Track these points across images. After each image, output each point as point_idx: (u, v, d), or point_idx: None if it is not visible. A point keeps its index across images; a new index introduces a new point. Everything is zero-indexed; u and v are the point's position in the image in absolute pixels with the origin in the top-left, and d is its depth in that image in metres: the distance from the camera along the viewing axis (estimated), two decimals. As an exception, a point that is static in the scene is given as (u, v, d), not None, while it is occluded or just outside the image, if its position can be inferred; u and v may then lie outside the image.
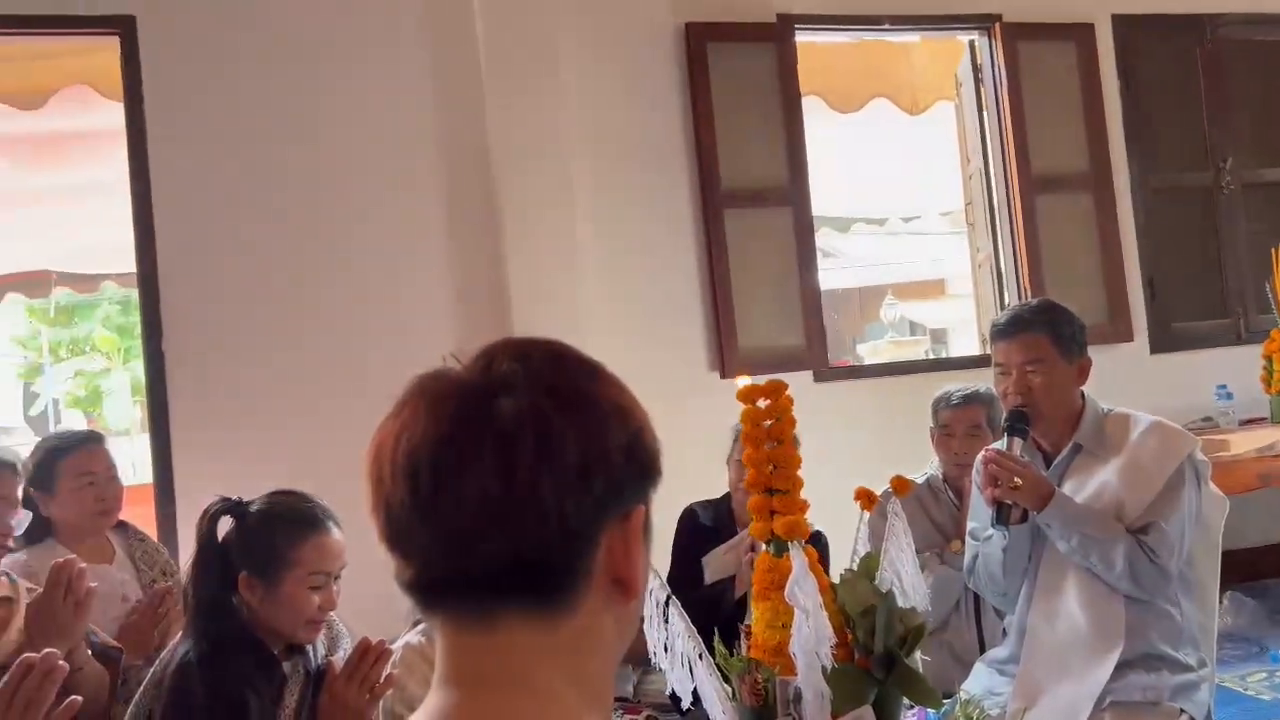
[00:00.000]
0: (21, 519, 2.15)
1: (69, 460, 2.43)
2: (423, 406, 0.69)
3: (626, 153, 3.59)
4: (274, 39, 3.32)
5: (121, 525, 2.61)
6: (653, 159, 3.62)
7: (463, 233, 3.41)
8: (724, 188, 3.63)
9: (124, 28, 3.21)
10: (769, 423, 1.59)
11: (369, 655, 1.78)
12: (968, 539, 2.37)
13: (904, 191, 6.13)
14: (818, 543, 2.51)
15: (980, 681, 2.22)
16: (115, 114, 3.30)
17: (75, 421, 12.46)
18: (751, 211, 3.66)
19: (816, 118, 4.09)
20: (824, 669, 1.45)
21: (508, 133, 3.37)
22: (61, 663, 1.29)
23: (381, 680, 1.79)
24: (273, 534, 1.77)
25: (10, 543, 2.12)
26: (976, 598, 2.61)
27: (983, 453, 2.16)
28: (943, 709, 1.89)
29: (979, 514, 2.27)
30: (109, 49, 3.26)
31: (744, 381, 1.63)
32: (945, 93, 4.48)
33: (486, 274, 3.36)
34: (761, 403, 1.60)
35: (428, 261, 3.38)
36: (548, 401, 0.69)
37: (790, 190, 3.71)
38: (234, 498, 1.82)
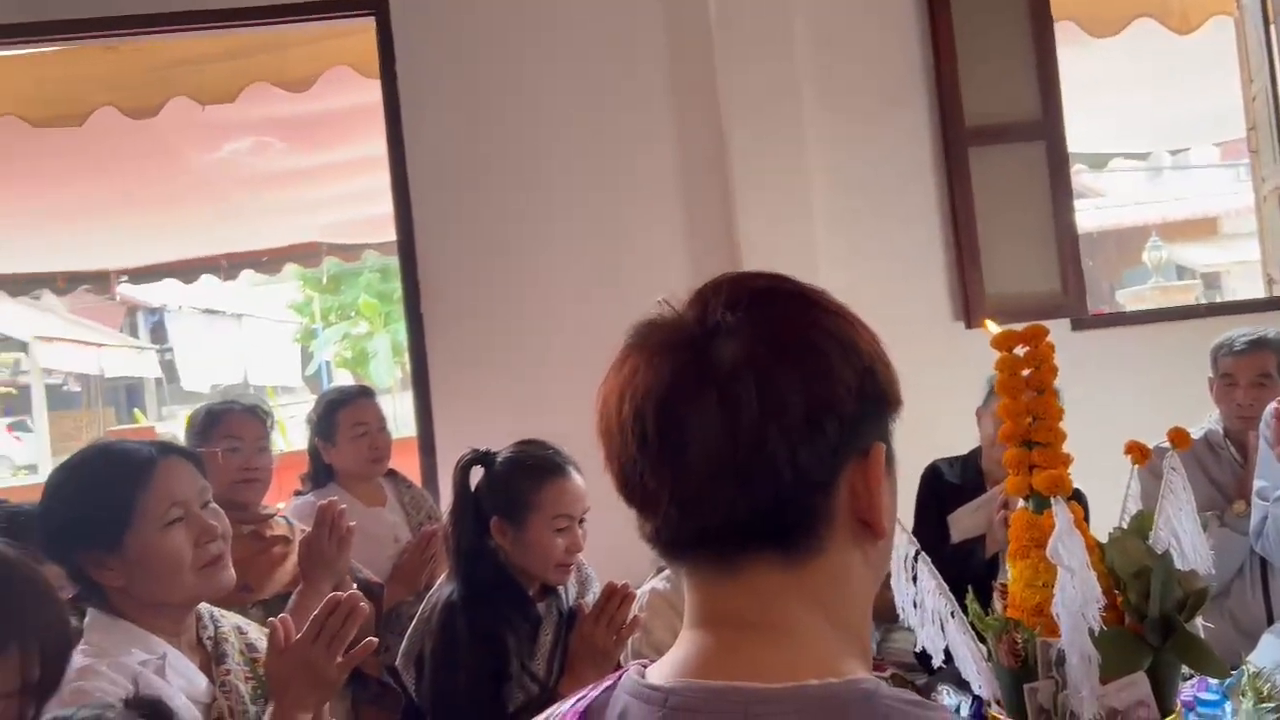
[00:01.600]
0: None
1: (345, 412, 2.66)
2: (643, 360, 0.68)
3: (861, 95, 3.46)
4: (512, 7, 3.43)
5: (391, 473, 2.83)
6: (890, 99, 3.46)
7: (694, 187, 3.42)
8: (969, 124, 3.42)
9: (378, 8, 3.42)
10: (1027, 372, 1.50)
11: (615, 597, 1.85)
12: (1254, 499, 2.16)
13: (1170, 122, 5.53)
14: (1077, 500, 2.36)
15: (1270, 654, 2.01)
16: (374, 92, 3.52)
17: (345, 381, 13.71)
18: (999, 149, 3.42)
19: (1071, 44, 3.77)
20: (1091, 632, 1.36)
21: (738, 82, 3.33)
22: (362, 604, 1.41)
23: (628, 622, 1.85)
24: (517, 480, 1.87)
25: (259, 476, 2.35)
26: (1264, 563, 2.38)
27: (1273, 404, 1.95)
28: (1226, 681, 1.73)
29: (1269, 471, 2.06)
30: (366, 30, 3.48)
31: (997, 328, 1.53)
32: (1222, 5, 4.00)
33: (718, 227, 3.35)
34: (1019, 350, 1.50)
35: (663, 217, 3.42)
36: (766, 348, 0.66)
37: (1043, 124, 3.44)
38: (483, 449, 1.94)
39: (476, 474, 1.93)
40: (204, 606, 1.52)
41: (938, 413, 3.14)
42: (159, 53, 3.62)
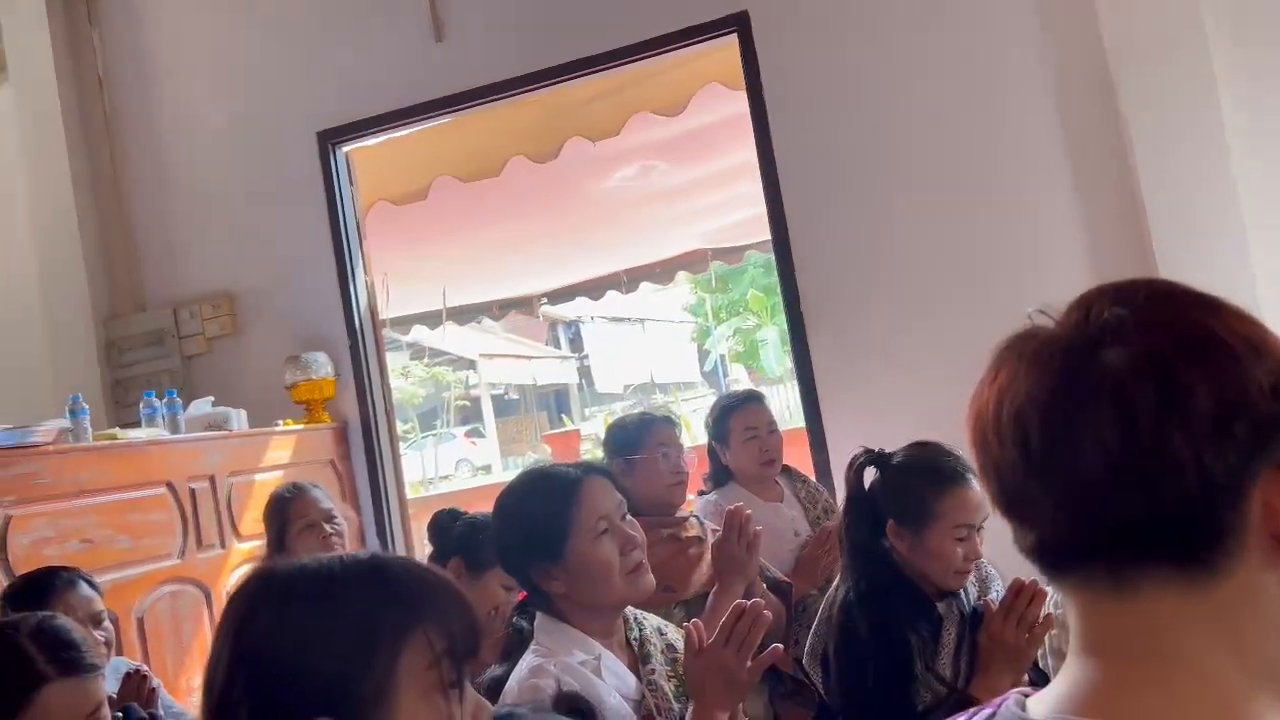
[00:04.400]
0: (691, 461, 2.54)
1: (736, 417, 2.78)
2: (1022, 366, 0.66)
3: (1283, 17, 3.00)
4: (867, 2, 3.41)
5: (786, 469, 2.92)
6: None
7: (1084, 149, 3.16)
8: None
9: (740, 24, 3.56)
10: None
11: (1024, 595, 1.77)
12: None
13: None
14: None
15: None
16: (742, 102, 3.67)
17: (738, 373, 14.29)
18: None
19: None
20: None
21: (1126, 27, 3.02)
22: (766, 612, 1.50)
23: (1040, 620, 1.78)
24: (916, 486, 1.84)
25: (686, 479, 2.48)
26: None
27: None
28: None
29: None
30: (730, 47, 3.64)
31: None
32: None
33: (1115, 191, 3.07)
34: None
35: (1049, 186, 3.20)
36: (1166, 344, 0.62)
37: None
38: (876, 449, 1.93)
39: (869, 474, 1.94)
40: (629, 610, 1.68)
41: None
42: (553, 102, 4.05)
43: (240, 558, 3.35)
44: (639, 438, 2.47)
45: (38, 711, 1.50)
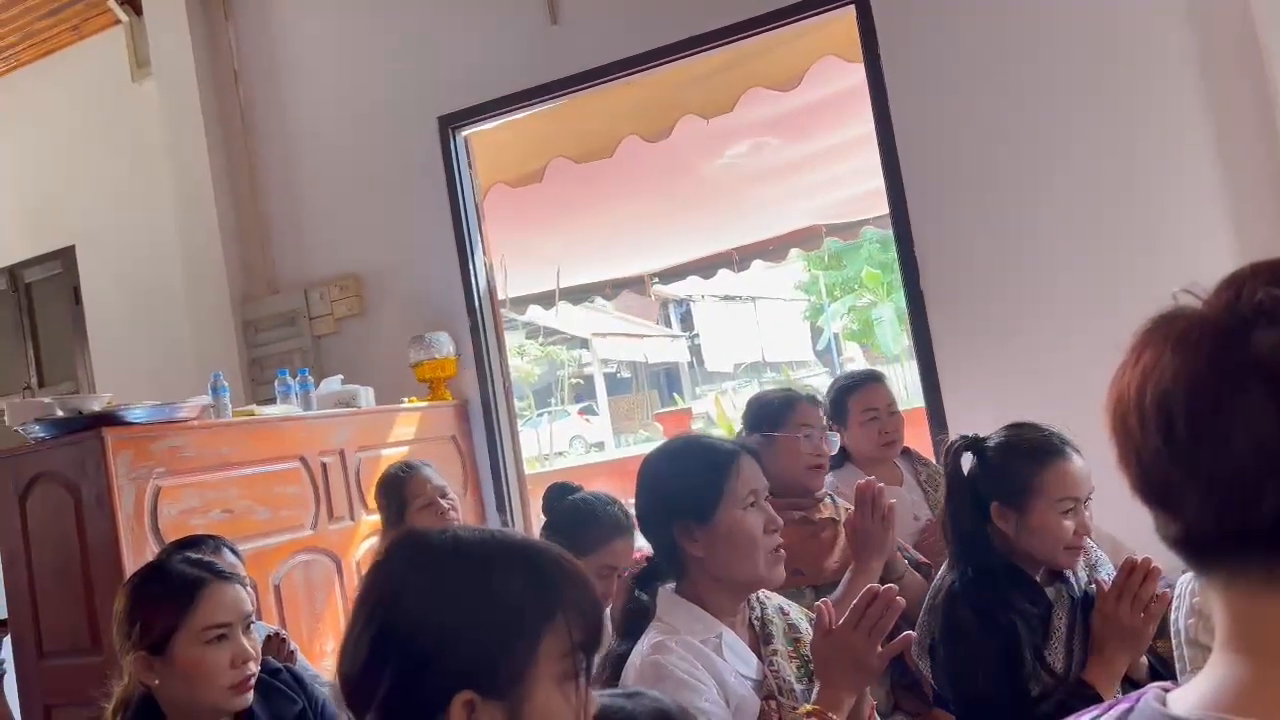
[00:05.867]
0: (832, 441, 2.49)
1: (855, 398, 2.74)
2: (1166, 349, 0.63)
3: None
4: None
5: (906, 451, 2.86)
6: None
7: (1228, 118, 2.97)
8: None
9: (859, -6, 3.49)
10: None
11: (1136, 574, 1.73)
12: None
13: None
14: None
15: None
16: (858, 75, 3.59)
17: (852, 352, 14.08)
18: None
19: None
20: None
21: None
22: (899, 599, 1.47)
23: (1155, 598, 1.72)
24: (1015, 464, 1.82)
25: (825, 462, 2.41)
26: None
27: None
28: None
29: None
30: (846, 18, 3.56)
31: None
32: None
33: (1263, 165, 2.89)
34: None
35: (1190, 161, 3.01)
36: None
37: None
38: (971, 434, 1.91)
39: (968, 459, 1.90)
40: (753, 589, 1.68)
41: None
42: (667, 80, 4.05)
43: (368, 529, 3.49)
44: (781, 415, 2.39)
45: (207, 604, 1.66)
